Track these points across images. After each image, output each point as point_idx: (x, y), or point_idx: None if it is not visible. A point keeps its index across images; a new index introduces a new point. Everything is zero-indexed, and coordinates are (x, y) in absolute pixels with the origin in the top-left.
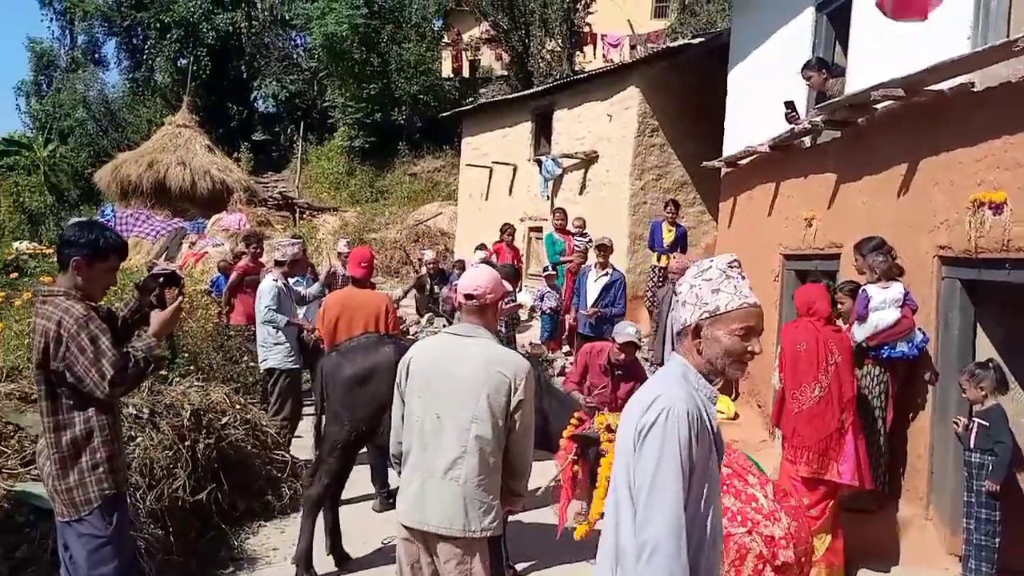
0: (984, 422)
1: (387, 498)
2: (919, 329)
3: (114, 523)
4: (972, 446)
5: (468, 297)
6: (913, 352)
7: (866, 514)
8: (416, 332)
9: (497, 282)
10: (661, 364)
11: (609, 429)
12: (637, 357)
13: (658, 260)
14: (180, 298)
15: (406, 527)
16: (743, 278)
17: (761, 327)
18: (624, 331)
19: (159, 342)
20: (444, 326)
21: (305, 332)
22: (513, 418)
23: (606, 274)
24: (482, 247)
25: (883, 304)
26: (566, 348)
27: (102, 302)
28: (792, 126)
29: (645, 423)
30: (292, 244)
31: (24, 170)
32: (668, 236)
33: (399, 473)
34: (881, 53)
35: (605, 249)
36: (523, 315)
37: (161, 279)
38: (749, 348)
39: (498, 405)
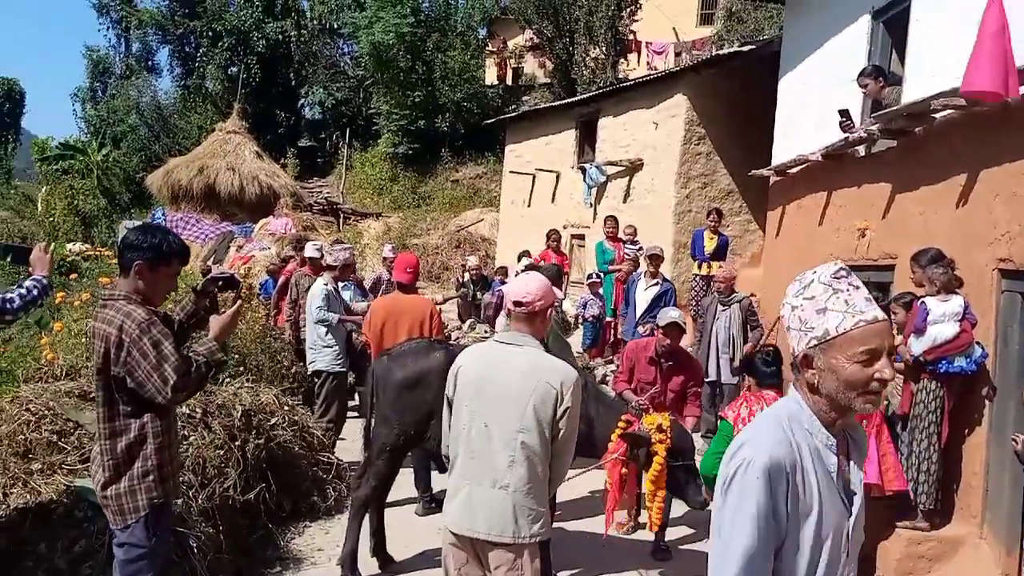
0: None
1: (429, 502)
2: (978, 344)
3: (156, 535)
4: None
5: (517, 304)
6: (971, 367)
7: (919, 531)
8: (459, 338)
9: (547, 289)
10: (705, 377)
11: (660, 429)
12: (685, 348)
13: (699, 269)
14: (239, 302)
15: (455, 534)
16: (856, 288)
17: (888, 344)
18: (667, 315)
19: (219, 346)
20: (486, 332)
21: (355, 335)
22: (558, 426)
23: (656, 283)
24: (526, 254)
25: (942, 318)
26: (608, 356)
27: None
28: (846, 135)
29: (725, 476)
30: (344, 249)
31: (78, 174)
32: (710, 245)
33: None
34: (940, 62)
35: (656, 259)
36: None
37: (220, 282)
38: (876, 375)
39: (545, 415)
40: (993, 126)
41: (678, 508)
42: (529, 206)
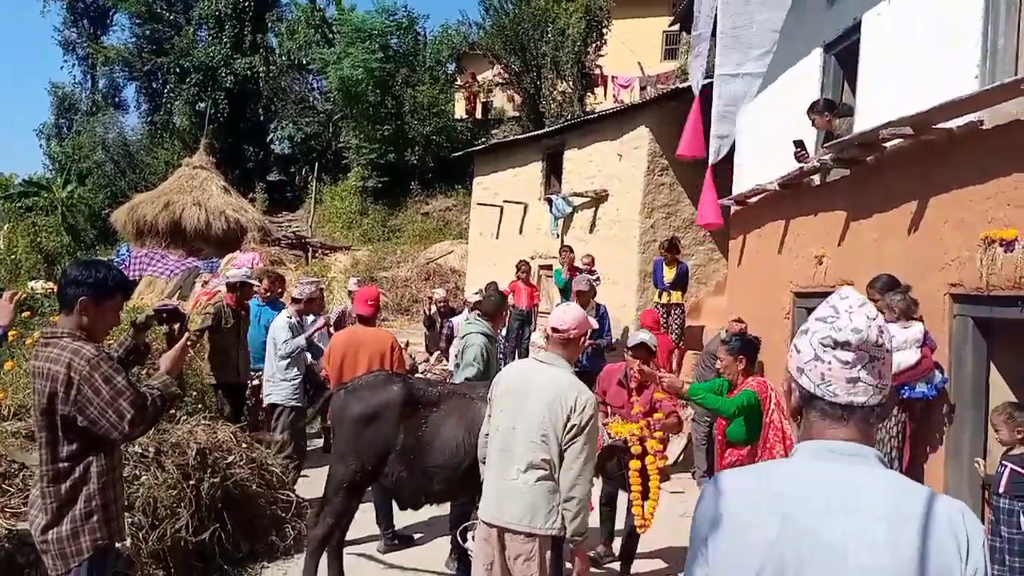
0: (1020, 468)
1: (392, 539)
2: (937, 368)
3: None
4: (1002, 491)
5: (555, 331)
6: (932, 392)
7: None
8: (426, 371)
9: (583, 320)
10: None
11: (639, 435)
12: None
13: (659, 298)
14: (186, 334)
15: (485, 523)
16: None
17: None
18: (636, 336)
19: (172, 380)
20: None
21: (318, 367)
22: (567, 437)
23: (591, 309)
24: (493, 285)
25: (904, 344)
26: None
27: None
28: (801, 164)
29: None
30: (310, 283)
31: (43, 211)
32: (669, 274)
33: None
34: (889, 92)
35: (583, 295)
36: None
37: (164, 315)
38: None
39: (557, 427)
40: (941, 154)
41: (645, 540)
42: (497, 238)
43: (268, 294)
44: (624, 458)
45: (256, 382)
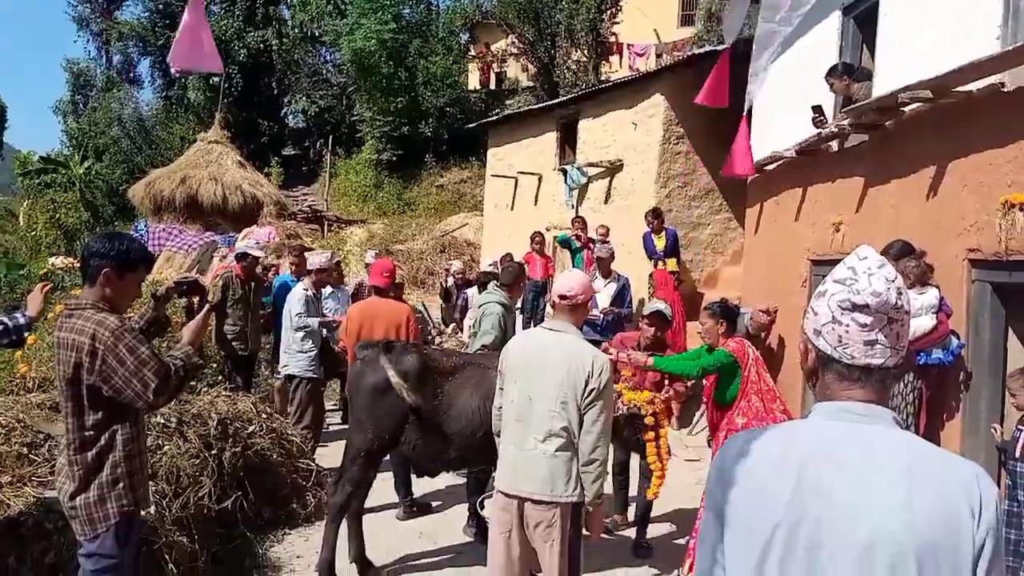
0: None
1: (410, 507)
2: (954, 334)
3: (126, 545)
4: (1018, 455)
5: (562, 297)
6: (948, 358)
7: None
8: (442, 342)
9: (588, 286)
10: None
11: (651, 402)
12: (667, 340)
13: (655, 266)
14: (206, 306)
15: (503, 493)
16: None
17: None
18: (653, 306)
19: (195, 351)
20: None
21: (334, 338)
22: (586, 402)
23: (612, 280)
24: (508, 257)
25: (919, 311)
26: None
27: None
28: (819, 130)
29: None
30: (321, 254)
31: (61, 187)
32: (660, 243)
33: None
34: (909, 55)
35: (604, 261)
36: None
37: (185, 287)
38: None
39: (577, 392)
40: (961, 118)
41: (659, 506)
42: (512, 209)
43: (296, 269)
44: (639, 425)
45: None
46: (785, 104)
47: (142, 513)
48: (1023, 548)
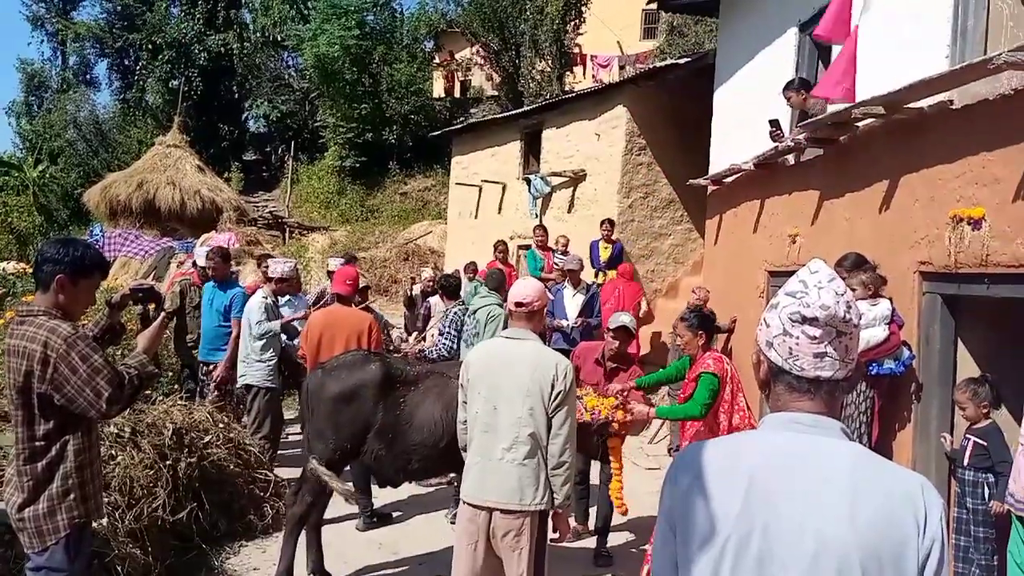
0: (981, 440)
1: (370, 517)
2: (905, 345)
3: (77, 558)
4: (966, 464)
5: (519, 305)
6: (900, 369)
7: None
8: (406, 352)
9: (542, 292)
10: None
11: (620, 408)
12: (630, 353)
13: (596, 277)
14: (162, 314)
15: (470, 504)
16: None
17: None
18: (618, 319)
19: (149, 359)
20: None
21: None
22: (553, 405)
23: (583, 290)
24: (471, 265)
25: (872, 321)
26: None
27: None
28: (776, 144)
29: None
30: (284, 263)
31: (13, 191)
32: (605, 253)
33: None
34: (862, 72)
35: (574, 273)
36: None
37: (140, 294)
38: None
39: (544, 397)
40: (912, 134)
41: (618, 514)
42: (476, 217)
43: (214, 272)
44: (604, 433)
45: (213, 367)
46: (744, 117)
47: (94, 525)
48: (972, 555)
